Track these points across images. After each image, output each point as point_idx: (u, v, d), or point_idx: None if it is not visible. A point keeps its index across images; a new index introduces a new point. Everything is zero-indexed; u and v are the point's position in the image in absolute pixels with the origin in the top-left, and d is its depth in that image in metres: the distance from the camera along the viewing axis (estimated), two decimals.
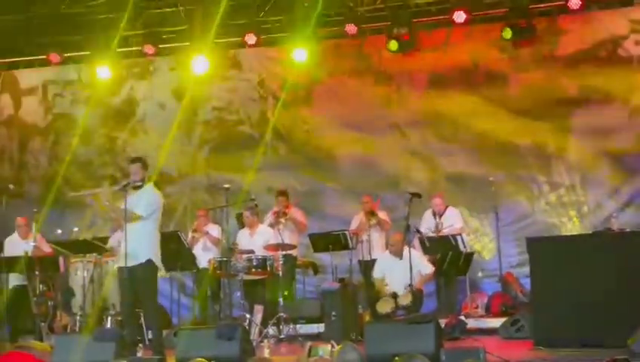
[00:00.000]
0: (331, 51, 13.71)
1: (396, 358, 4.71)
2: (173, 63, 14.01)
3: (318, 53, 13.47)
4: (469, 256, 11.22)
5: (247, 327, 8.86)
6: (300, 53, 13.16)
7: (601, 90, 12.39)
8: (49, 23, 13.21)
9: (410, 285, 10.00)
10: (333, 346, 5.36)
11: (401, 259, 10.49)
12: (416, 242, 11.03)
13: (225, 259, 10.61)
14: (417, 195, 10.16)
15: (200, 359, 5.08)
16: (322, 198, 13.61)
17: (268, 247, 10.74)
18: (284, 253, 10.73)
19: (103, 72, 13.51)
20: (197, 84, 13.30)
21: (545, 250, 8.43)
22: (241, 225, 11.68)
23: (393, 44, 12.79)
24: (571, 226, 12.42)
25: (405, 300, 10.17)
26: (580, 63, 12.58)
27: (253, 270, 10.44)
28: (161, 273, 10.20)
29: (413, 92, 13.36)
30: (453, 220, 11.62)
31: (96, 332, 8.20)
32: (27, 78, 14.74)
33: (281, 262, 10.63)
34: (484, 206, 12.49)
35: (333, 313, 9.86)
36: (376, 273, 10.83)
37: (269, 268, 10.44)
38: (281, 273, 10.60)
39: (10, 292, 10.87)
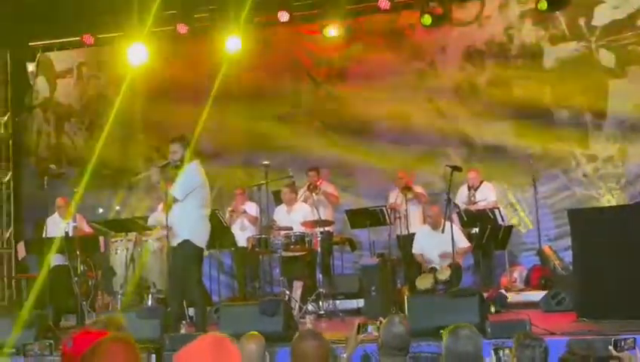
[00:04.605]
0: (365, 27, 13.67)
1: (442, 331, 4.67)
2: (206, 42, 13.97)
3: (352, 29, 13.44)
4: (508, 230, 11.21)
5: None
6: (333, 30, 13.12)
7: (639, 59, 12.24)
8: (82, 5, 13.23)
9: (453, 259, 9.98)
10: (380, 322, 5.36)
11: (440, 231, 10.46)
12: (454, 217, 11.01)
13: (263, 236, 10.66)
14: (458, 168, 10.12)
15: (253, 332, 5.09)
16: (358, 174, 13.61)
17: (305, 224, 10.78)
18: (321, 229, 10.78)
19: (137, 52, 13.53)
20: (231, 63, 13.27)
21: (586, 221, 8.40)
22: (279, 202, 11.71)
23: (427, 19, 12.71)
24: (609, 198, 12.32)
25: (444, 275, 10.18)
26: (616, 33, 12.43)
27: (292, 246, 10.46)
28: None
29: (448, 66, 13.29)
30: (486, 194, 11.60)
31: (141, 310, 8.28)
32: (62, 60, 14.86)
33: (318, 239, 10.69)
34: (522, 179, 12.41)
35: (373, 288, 9.87)
36: (415, 249, 10.83)
37: (307, 245, 10.47)
38: (319, 249, 10.65)
39: (52, 272, 10.94)
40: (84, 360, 3.57)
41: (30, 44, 14.57)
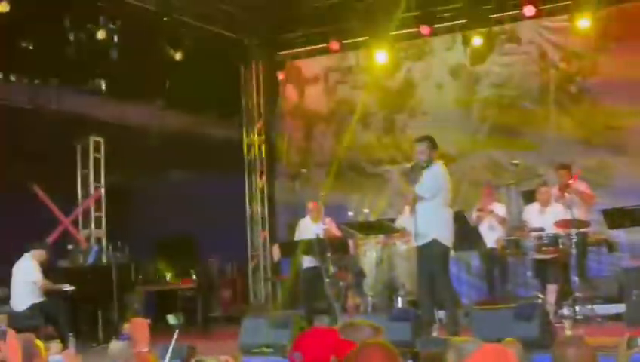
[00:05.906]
0: (616, 17, 12.91)
1: None
2: (448, 42, 13.85)
3: (602, 19, 12.76)
4: None
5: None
6: (584, 22, 12.55)
7: None
8: (328, 12, 13.57)
9: None
10: None
11: None
12: None
13: (513, 237, 10.35)
14: None
15: (510, 339, 4.89)
16: (611, 172, 12.84)
17: (559, 224, 10.31)
18: (576, 230, 10.27)
19: (381, 55, 13.73)
20: (474, 61, 13.06)
21: None
22: (527, 201, 11.32)
23: None
24: None
25: None
26: None
27: (544, 248, 10.08)
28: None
29: None
30: None
31: (392, 312, 8.29)
32: (309, 67, 15.31)
33: (573, 240, 10.19)
34: None
35: (635, 292, 9.28)
36: None
37: (560, 246, 10.03)
38: (573, 251, 10.16)
39: (305, 273, 11.27)
40: None
41: (280, 52, 15.16)
